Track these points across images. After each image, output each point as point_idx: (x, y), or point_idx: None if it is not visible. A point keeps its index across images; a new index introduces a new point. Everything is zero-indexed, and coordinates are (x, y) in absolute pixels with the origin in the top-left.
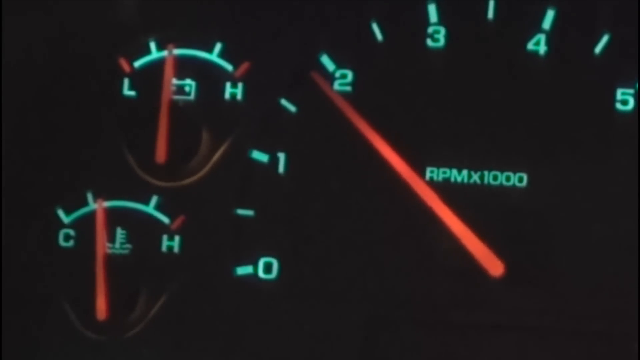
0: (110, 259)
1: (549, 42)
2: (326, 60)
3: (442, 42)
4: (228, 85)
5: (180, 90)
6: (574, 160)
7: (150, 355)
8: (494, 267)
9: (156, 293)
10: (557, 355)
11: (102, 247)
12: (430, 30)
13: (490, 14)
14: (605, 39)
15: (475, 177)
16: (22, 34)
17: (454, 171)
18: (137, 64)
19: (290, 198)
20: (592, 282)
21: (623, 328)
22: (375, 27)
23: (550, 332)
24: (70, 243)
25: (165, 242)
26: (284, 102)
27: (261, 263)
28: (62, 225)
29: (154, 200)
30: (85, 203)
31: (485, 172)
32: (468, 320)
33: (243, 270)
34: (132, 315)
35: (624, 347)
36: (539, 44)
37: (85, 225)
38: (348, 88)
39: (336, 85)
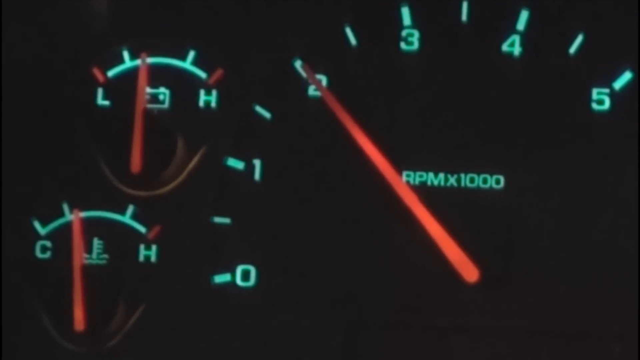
0: (87, 270)
1: (523, 43)
2: (300, 66)
3: (416, 45)
4: (202, 92)
5: (154, 98)
6: (551, 161)
7: None
8: (469, 273)
9: (134, 303)
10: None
11: (79, 257)
12: (404, 33)
13: (464, 16)
14: (579, 39)
15: (452, 180)
16: None
17: (431, 174)
18: (111, 73)
19: (266, 205)
20: (569, 284)
21: (601, 329)
22: (348, 32)
23: (527, 335)
24: (47, 254)
25: (142, 252)
26: (258, 108)
27: (239, 271)
28: (39, 237)
29: (130, 209)
30: (61, 214)
31: (462, 175)
32: (446, 324)
33: (221, 278)
34: (110, 325)
35: (601, 348)
36: (513, 45)
37: (62, 236)
38: None
39: (311, 91)
